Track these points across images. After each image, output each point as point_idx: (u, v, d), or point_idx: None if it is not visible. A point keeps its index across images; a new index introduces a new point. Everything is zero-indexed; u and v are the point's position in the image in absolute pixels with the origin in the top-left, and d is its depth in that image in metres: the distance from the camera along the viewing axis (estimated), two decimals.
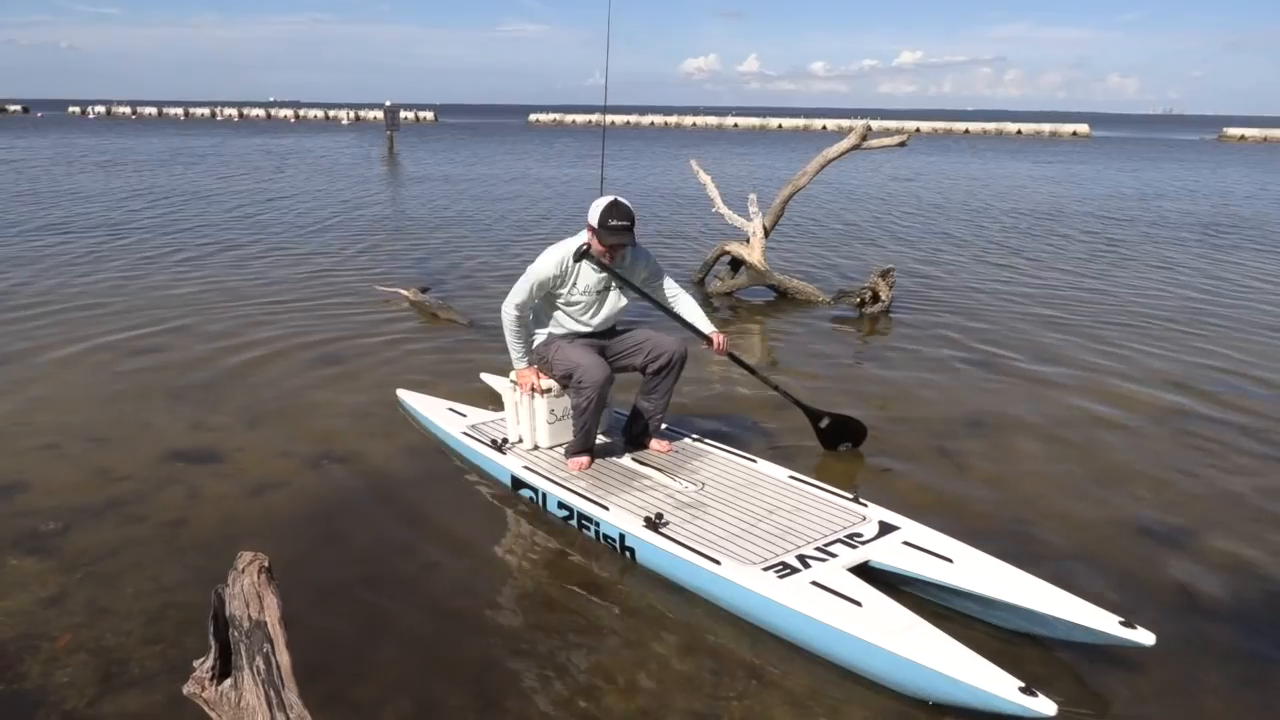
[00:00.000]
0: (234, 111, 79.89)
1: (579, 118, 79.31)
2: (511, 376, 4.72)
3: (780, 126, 72.12)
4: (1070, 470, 4.99)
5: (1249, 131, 65.54)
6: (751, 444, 5.09)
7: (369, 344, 7.33)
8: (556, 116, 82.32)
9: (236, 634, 2.46)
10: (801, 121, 74.54)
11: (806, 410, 5.04)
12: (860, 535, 3.70)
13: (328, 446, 5.15)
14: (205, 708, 2.51)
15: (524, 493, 4.47)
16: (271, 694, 2.36)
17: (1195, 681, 3.19)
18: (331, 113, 79.88)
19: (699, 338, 4.62)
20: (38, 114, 78.16)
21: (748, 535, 3.74)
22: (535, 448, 4.71)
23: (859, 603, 3.17)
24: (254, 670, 2.39)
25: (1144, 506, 4.56)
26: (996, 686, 2.76)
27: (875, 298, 8.71)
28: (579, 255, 4.38)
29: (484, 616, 3.52)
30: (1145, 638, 3.01)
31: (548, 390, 4.59)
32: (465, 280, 10.03)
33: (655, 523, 3.82)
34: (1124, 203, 19.93)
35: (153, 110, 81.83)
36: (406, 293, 8.74)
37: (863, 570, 3.49)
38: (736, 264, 9.66)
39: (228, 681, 2.47)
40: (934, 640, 2.97)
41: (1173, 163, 36.09)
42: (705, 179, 10.39)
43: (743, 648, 3.33)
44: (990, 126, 71.61)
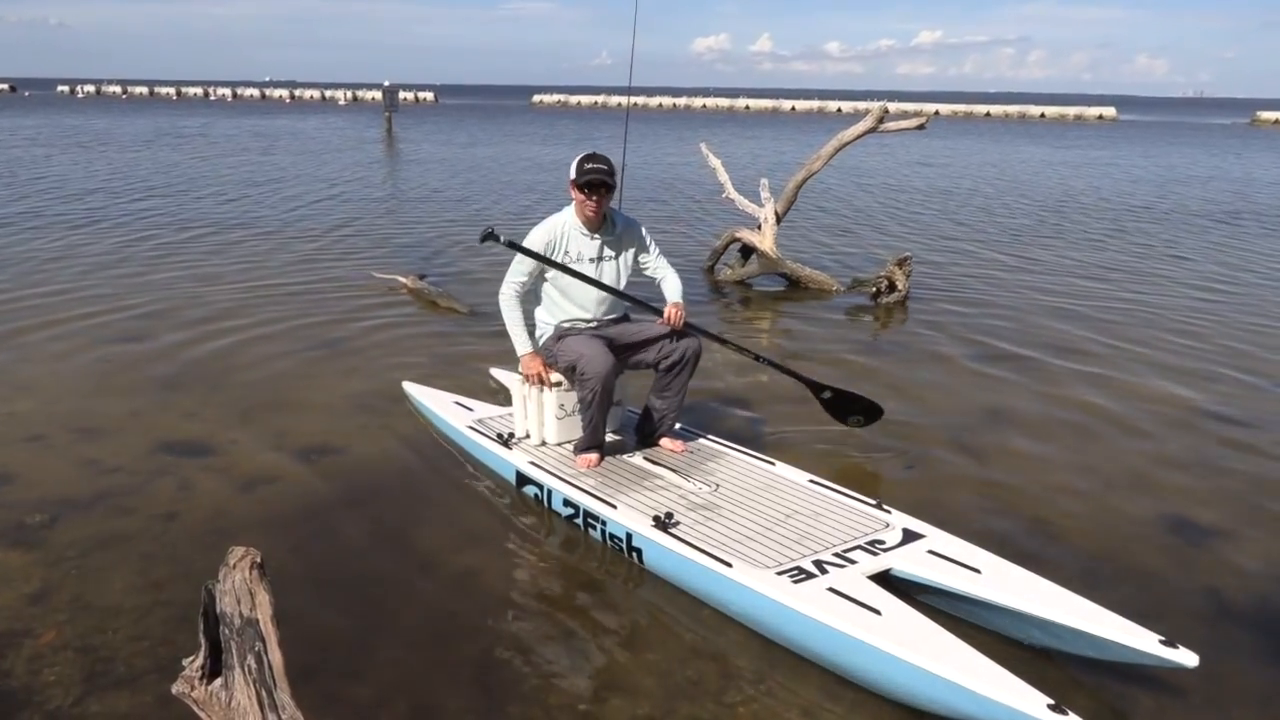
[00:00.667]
0: (227, 91, 79.91)
1: (584, 99, 79.21)
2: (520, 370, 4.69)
3: (793, 109, 71.92)
4: (1095, 469, 4.97)
5: None
6: (770, 445, 5.05)
7: (366, 333, 7.33)
8: (561, 98, 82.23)
9: (227, 632, 2.46)
10: (815, 104, 74.32)
11: (806, 382, 4.99)
12: (882, 542, 3.64)
13: (323, 438, 5.15)
14: (195, 708, 2.51)
15: (529, 489, 4.45)
16: (263, 694, 2.35)
17: (1230, 699, 3.14)
18: (329, 93, 79.88)
19: (651, 313, 4.53)
20: (25, 93, 78.31)
21: (763, 539, 3.70)
22: (543, 443, 4.69)
23: (878, 611, 3.10)
24: (245, 669, 2.38)
25: (1172, 507, 4.54)
26: (1024, 703, 2.66)
27: (892, 287, 8.67)
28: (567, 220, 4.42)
29: (485, 616, 3.52)
30: (1187, 658, 2.87)
31: (557, 384, 4.56)
32: (465, 267, 10.02)
33: (664, 522, 3.79)
34: (1150, 191, 19.83)
35: (144, 90, 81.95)
36: (405, 280, 8.74)
37: (884, 579, 3.43)
38: (747, 251, 9.63)
39: (218, 681, 2.46)
40: (958, 652, 2.88)
41: (1207, 149, 35.89)
42: (715, 163, 10.36)
43: (752, 653, 3.31)
44: (1012, 109, 71.33)
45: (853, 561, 3.48)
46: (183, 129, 35.04)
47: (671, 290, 4.59)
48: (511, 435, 4.75)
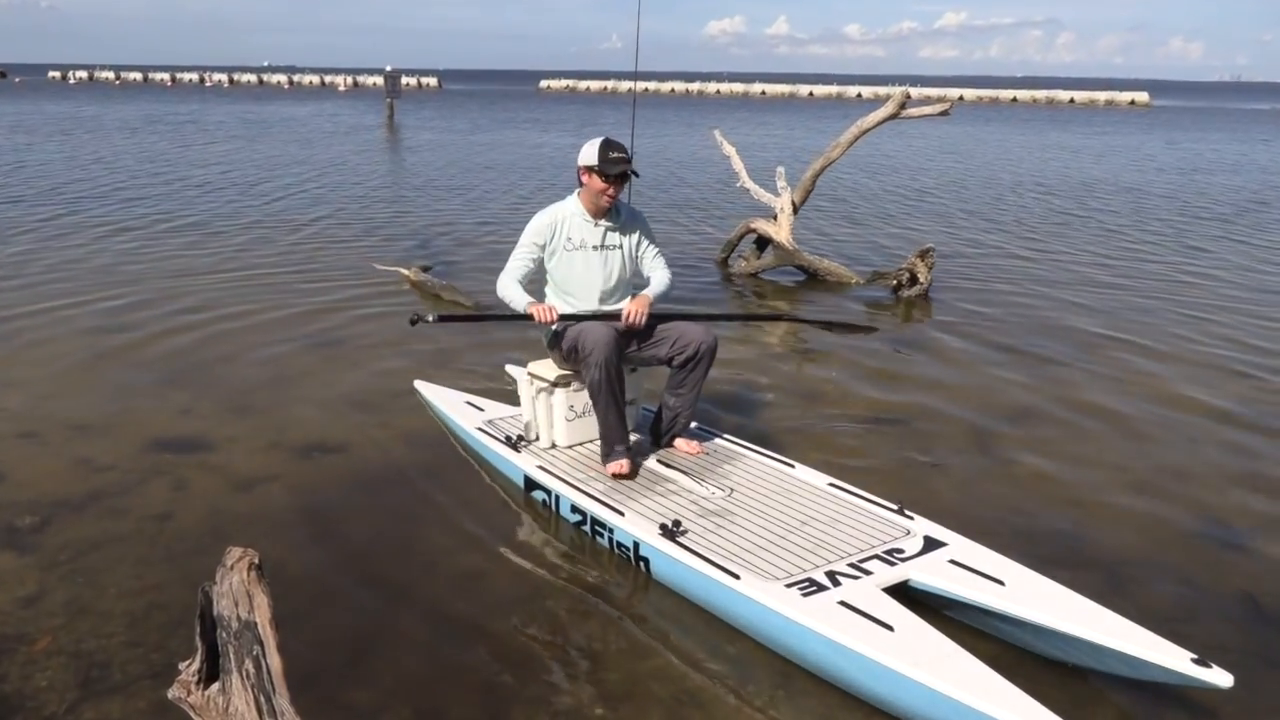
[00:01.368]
0: (224, 77, 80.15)
1: (593, 84, 79.18)
2: (530, 368, 4.68)
3: (811, 94, 71.75)
4: (1127, 469, 4.96)
5: None
6: (790, 446, 5.02)
7: (367, 326, 7.35)
8: (569, 83, 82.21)
9: (225, 635, 2.47)
10: (834, 89, 74.14)
11: (810, 323, 5.89)
12: (901, 551, 3.60)
13: (323, 436, 5.17)
14: (191, 713, 2.53)
15: (537, 494, 4.43)
16: (262, 699, 2.36)
17: (1267, 713, 3.10)
18: (329, 78, 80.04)
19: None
20: (15, 79, 78.65)
21: (775, 548, 3.67)
22: (553, 446, 4.67)
23: (890, 627, 3.05)
24: (243, 674, 2.40)
25: (1208, 509, 4.52)
26: None
27: (913, 280, 8.65)
28: (570, 207, 4.43)
29: (490, 621, 3.52)
30: (1222, 678, 2.81)
31: (564, 383, 4.52)
32: (469, 259, 10.03)
33: (672, 531, 3.76)
34: (1190, 182, 19.71)
35: (138, 75, 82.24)
36: (407, 272, 8.76)
37: (901, 590, 3.40)
38: (763, 243, 9.61)
39: (215, 686, 2.48)
40: (974, 672, 2.83)
41: (1240, 136, 35.64)
42: (729, 151, 10.34)
43: (767, 664, 3.30)
44: (1040, 95, 70.99)
45: (868, 572, 3.44)
46: (169, 116, 35.17)
47: (654, 284, 4.51)
48: (520, 438, 4.74)
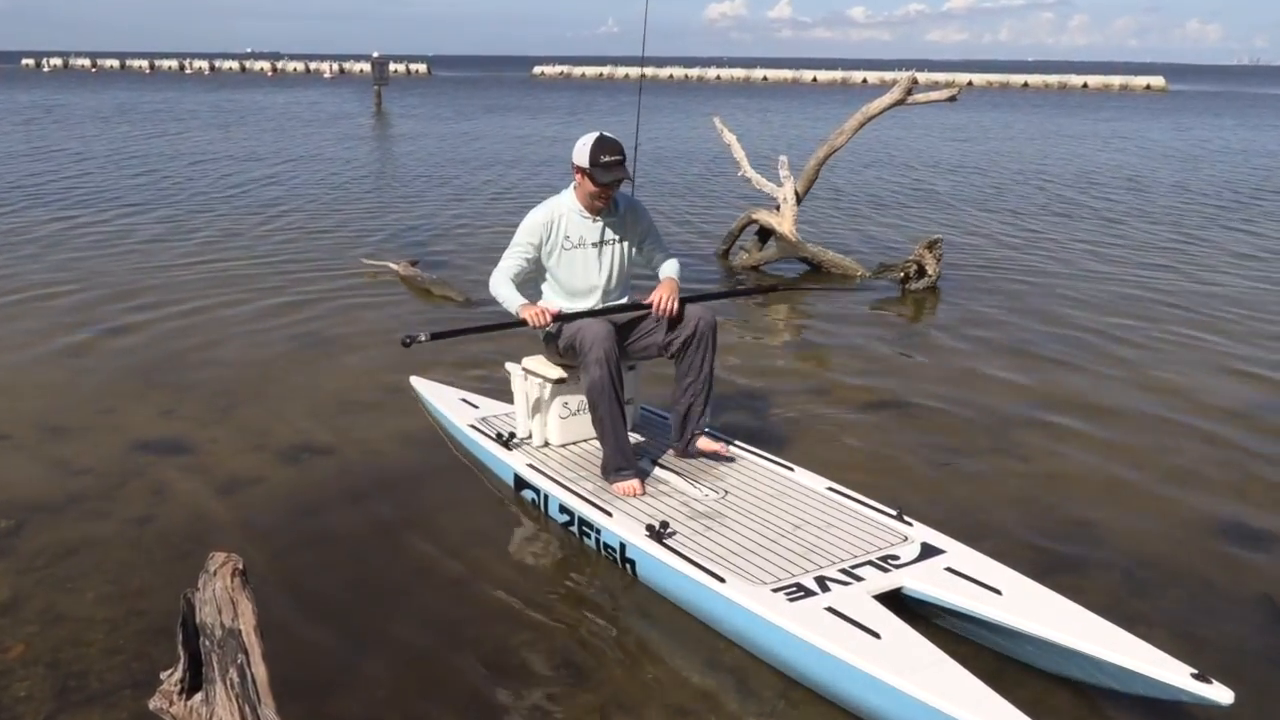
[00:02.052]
0: (205, 64, 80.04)
1: (588, 70, 79.13)
2: (525, 364, 4.68)
3: (815, 80, 71.73)
4: (1140, 467, 4.97)
5: None
6: (791, 444, 5.04)
7: (354, 323, 7.36)
8: (564, 69, 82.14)
9: (208, 644, 2.48)
10: (839, 74, 74.06)
11: (798, 288, 5.44)
12: (896, 558, 3.60)
13: (308, 437, 5.18)
14: None
15: (526, 494, 4.45)
16: (246, 710, 2.37)
17: None
18: (314, 65, 79.91)
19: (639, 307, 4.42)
20: None
21: (765, 551, 3.68)
22: (545, 444, 4.68)
23: (877, 634, 3.05)
24: (227, 684, 2.41)
25: (1223, 511, 4.53)
26: None
27: (921, 272, 8.66)
28: (567, 203, 4.39)
29: (481, 629, 3.53)
30: (1221, 695, 2.79)
31: (560, 381, 4.52)
32: (460, 253, 10.04)
33: (659, 533, 3.76)
34: (1211, 172, 19.73)
35: (114, 63, 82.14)
36: (396, 266, 8.77)
37: (894, 598, 3.40)
38: (765, 234, 9.62)
39: (198, 696, 2.49)
40: (961, 682, 2.83)
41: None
42: (730, 139, 10.35)
43: (766, 670, 3.30)
44: (1053, 79, 70.89)
45: (859, 578, 3.44)
46: (141, 104, 35.14)
47: (668, 268, 4.48)
48: (512, 435, 4.75)
